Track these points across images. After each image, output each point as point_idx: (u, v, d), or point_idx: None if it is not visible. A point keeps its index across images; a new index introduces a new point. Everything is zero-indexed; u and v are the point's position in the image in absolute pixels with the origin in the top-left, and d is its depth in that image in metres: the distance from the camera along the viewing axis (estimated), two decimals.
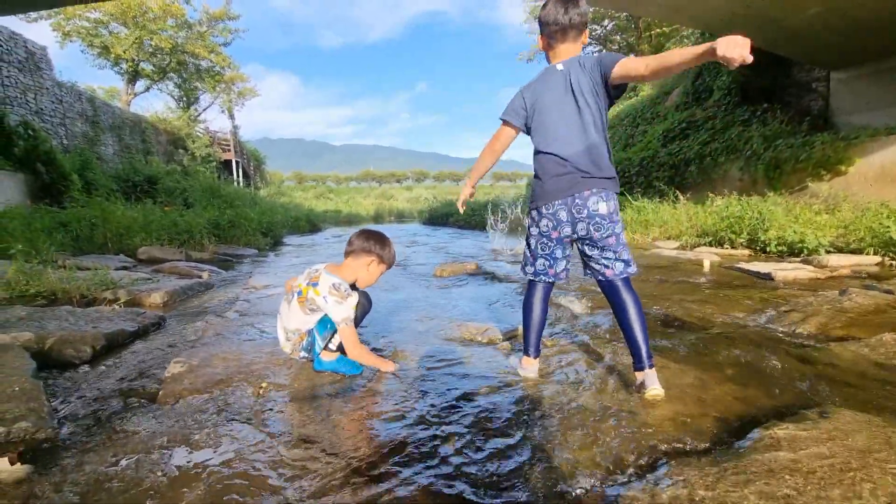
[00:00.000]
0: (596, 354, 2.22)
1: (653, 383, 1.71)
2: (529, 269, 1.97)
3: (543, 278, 1.93)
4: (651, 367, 1.74)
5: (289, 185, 39.82)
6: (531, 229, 1.94)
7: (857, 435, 1.26)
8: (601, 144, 1.75)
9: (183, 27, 20.72)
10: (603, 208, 1.74)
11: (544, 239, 1.88)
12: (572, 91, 1.75)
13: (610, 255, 1.78)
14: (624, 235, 1.81)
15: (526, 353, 2.00)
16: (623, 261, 1.79)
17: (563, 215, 1.79)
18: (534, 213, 1.91)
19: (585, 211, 1.75)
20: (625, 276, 1.79)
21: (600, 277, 1.83)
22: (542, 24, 1.83)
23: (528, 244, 1.98)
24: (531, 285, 1.98)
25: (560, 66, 1.80)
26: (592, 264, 1.85)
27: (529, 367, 1.98)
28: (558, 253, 1.89)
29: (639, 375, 1.76)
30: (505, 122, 1.94)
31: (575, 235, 1.82)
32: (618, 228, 1.78)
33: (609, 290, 1.81)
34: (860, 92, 8.67)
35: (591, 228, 1.76)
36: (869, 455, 1.16)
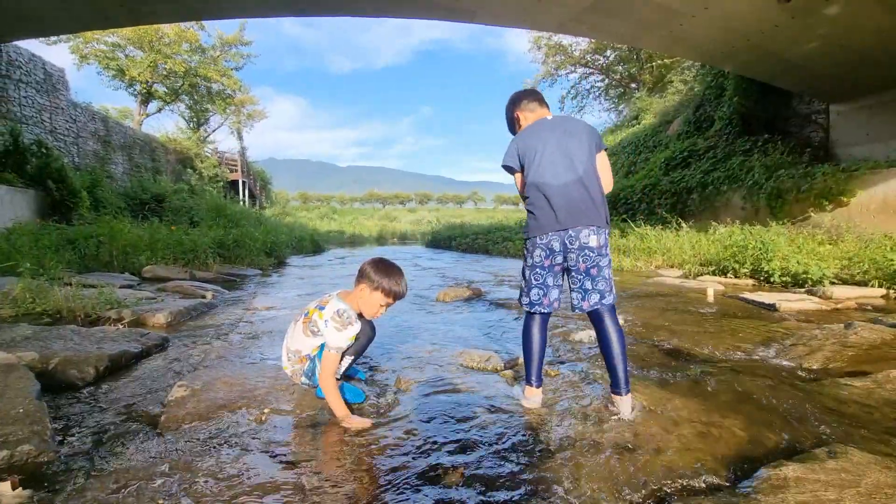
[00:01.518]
0: (599, 385, 2.21)
1: (624, 410, 1.83)
2: (525, 300, 2.03)
3: (539, 309, 1.99)
4: (627, 393, 1.86)
5: (294, 204, 40.14)
6: (526, 260, 2.03)
7: (866, 476, 1.24)
8: (596, 187, 1.92)
9: (196, 51, 21.33)
10: (594, 241, 1.87)
11: (538, 269, 1.97)
12: (569, 137, 1.94)
13: (588, 285, 1.88)
14: (609, 271, 1.92)
15: (528, 382, 2.01)
16: (598, 292, 1.88)
17: (557, 245, 1.91)
18: (528, 243, 2.00)
19: (577, 243, 1.87)
20: (598, 307, 1.88)
21: (577, 307, 1.93)
22: (529, 100, 2.12)
23: (524, 275, 2.05)
24: (528, 316, 2.04)
25: (550, 118, 2.03)
26: (573, 293, 1.95)
27: (532, 397, 1.99)
28: (549, 281, 1.97)
29: (614, 398, 1.88)
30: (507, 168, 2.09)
31: (565, 265, 1.94)
32: (603, 262, 1.89)
33: (594, 318, 1.92)
34: (860, 124, 8.80)
35: (580, 260, 1.88)
36: (876, 499, 1.15)
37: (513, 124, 2.19)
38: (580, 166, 1.89)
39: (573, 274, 1.92)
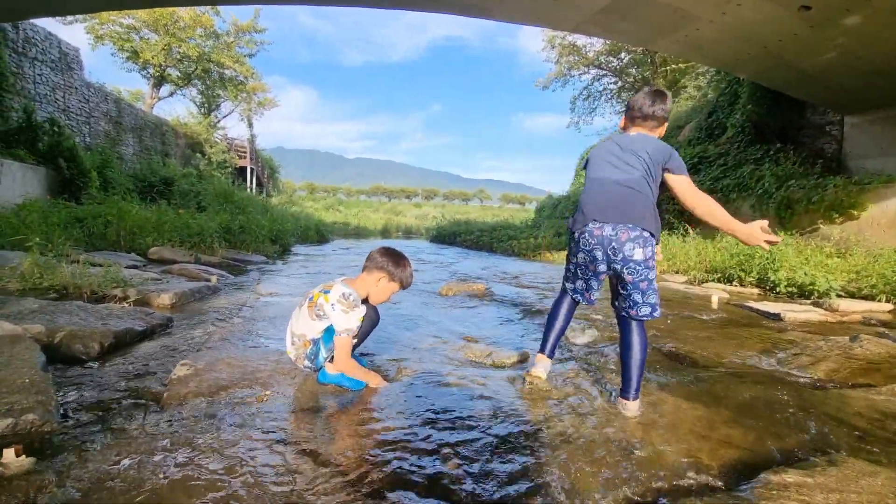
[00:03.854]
0: (605, 384, 2.20)
1: (630, 412, 1.87)
2: (570, 285, 2.10)
3: (577, 297, 2.07)
4: (635, 399, 1.89)
5: (300, 194, 40.23)
6: (570, 256, 2.06)
7: (866, 486, 1.24)
8: (644, 201, 1.86)
9: (211, 37, 21.34)
10: (639, 255, 1.83)
11: (582, 268, 2.00)
12: (634, 153, 1.90)
13: (638, 297, 1.87)
14: (656, 282, 1.91)
15: (541, 350, 2.10)
16: (650, 304, 1.87)
17: (599, 255, 1.90)
18: (573, 243, 2.01)
19: (621, 255, 1.83)
20: (646, 318, 1.88)
21: (623, 314, 1.93)
22: (629, 108, 2.03)
23: (569, 264, 2.08)
24: (563, 293, 2.13)
25: (633, 133, 2.00)
26: (620, 301, 1.94)
27: (540, 364, 2.09)
28: (594, 283, 2.01)
29: (622, 401, 1.90)
30: None
31: (610, 272, 1.93)
32: (651, 275, 1.87)
33: (624, 326, 1.93)
34: (874, 137, 8.70)
35: (625, 272, 1.85)
36: None
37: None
38: (634, 173, 1.87)
39: (623, 282, 1.89)
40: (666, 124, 2.03)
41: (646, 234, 1.83)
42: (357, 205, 40.60)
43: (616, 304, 1.98)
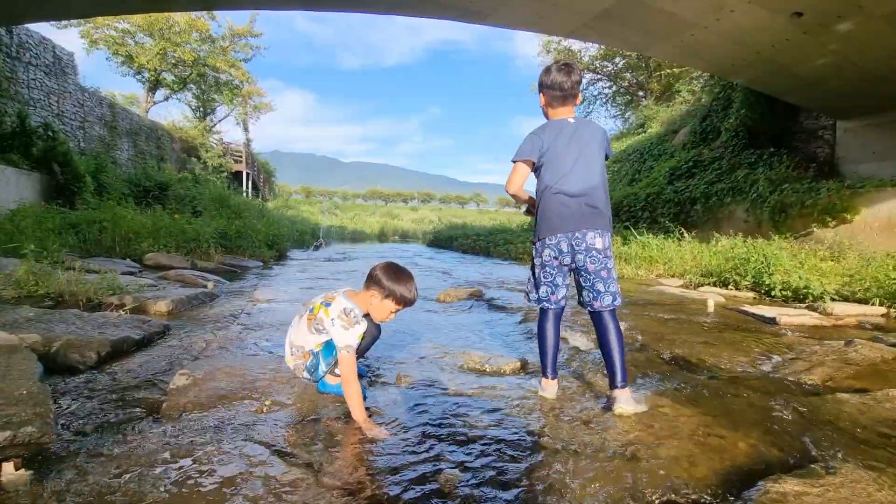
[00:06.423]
0: (600, 391, 2.21)
1: (624, 402, 1.93)
2: (533, 296, 2.19)
3: (546, 305, 2.14)
4: (624, 387, 1.96)
5: (296, 198, 40.20)
6: (535, 259, 2.17)
7: (866, 495, 1.25)
8: (603, 188, 2.07)
9: (206, 41, 21.34)
10: (599, 244, 2.00)
11: (547, 268, 2.10)
12: (586, 142, 2.06)
13: (601, 287, 2.00)
14: (615, 271, 2.07)
15: (544, 374, 2.15)
16: (611, 293, 2.01)
17: (564, 247, 2.03)
18: (538, 244, 2.13)
19: (584, 245, 2.01)
20: (612, 308, 2.01)
21: (589, 308, 2.06)
22: (546, 87, 2.11)
23: (533, 273, 2.19)
24: (542, 313, 2.17)
25: (571, 120, 2.09)
26: (585, 294, 2.07)
27: (549, 388, 2.14)
28: (559, 280, 2.12)
29: (612, 392, 1.98)
30: (524, 161, 2.11)
31: (574, 265, 2.07)
32: (610, 264, 2.03)
33: (596, 318, 2.05)
34: (867, 142, 8.79)
35: (588, 260, 2.01)
36: None
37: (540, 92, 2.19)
38: (594, 178, 2.04)
39: (583, 274, 2.05)
40: (580, 94, 2.17)
41: (604, 227, 2.05)
42: (353, 208, 40.61)
43: (581, 299, 2.15)
